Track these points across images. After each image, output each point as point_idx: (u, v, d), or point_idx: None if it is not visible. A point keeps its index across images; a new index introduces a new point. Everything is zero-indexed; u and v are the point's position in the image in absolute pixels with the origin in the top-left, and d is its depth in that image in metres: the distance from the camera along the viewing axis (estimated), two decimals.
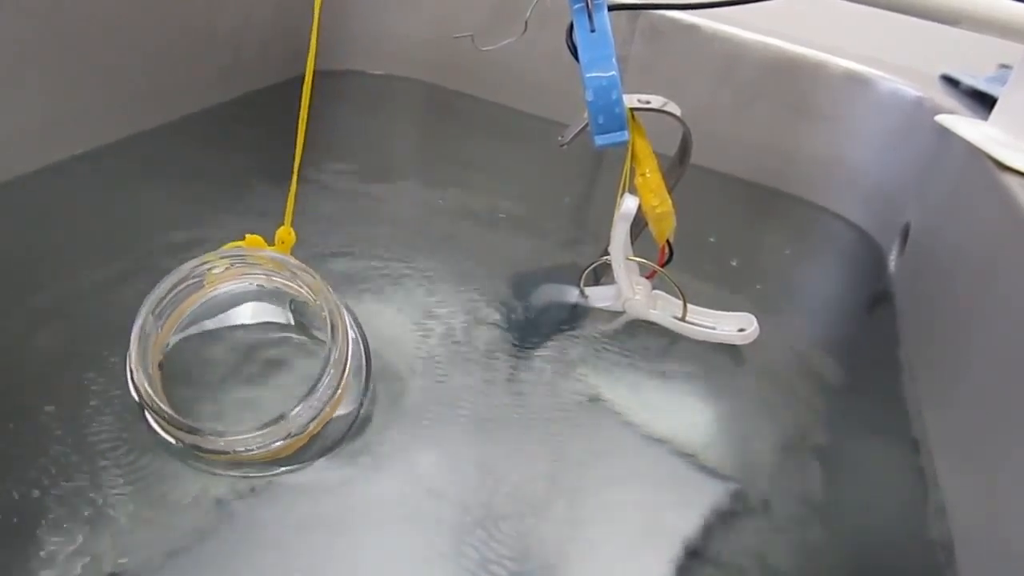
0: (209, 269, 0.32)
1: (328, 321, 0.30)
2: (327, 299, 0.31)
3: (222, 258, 0.32)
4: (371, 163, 0.60)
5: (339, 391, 0.30)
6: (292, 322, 0.35)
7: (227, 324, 0.34)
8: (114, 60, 0.50)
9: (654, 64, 0.69)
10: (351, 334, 0.32)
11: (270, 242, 0.34)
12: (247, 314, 0.35)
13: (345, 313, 0.32)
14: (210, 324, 0.33)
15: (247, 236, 0.34)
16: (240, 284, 0.34)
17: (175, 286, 0.31)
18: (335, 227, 0.48)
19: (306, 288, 0.32)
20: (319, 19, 0.31)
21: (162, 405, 0.28)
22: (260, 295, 0.34)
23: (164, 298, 0.31)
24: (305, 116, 0.32)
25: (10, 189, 0.44)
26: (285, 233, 0.35)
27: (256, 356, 0.34)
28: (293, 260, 0.33)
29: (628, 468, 0.34)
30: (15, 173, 0.44)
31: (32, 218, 0.42)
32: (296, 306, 0.35)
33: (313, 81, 0.32)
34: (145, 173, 0.50)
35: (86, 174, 0.47)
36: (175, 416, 0.28)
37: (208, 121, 0.59)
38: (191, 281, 0.32)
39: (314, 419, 0.29)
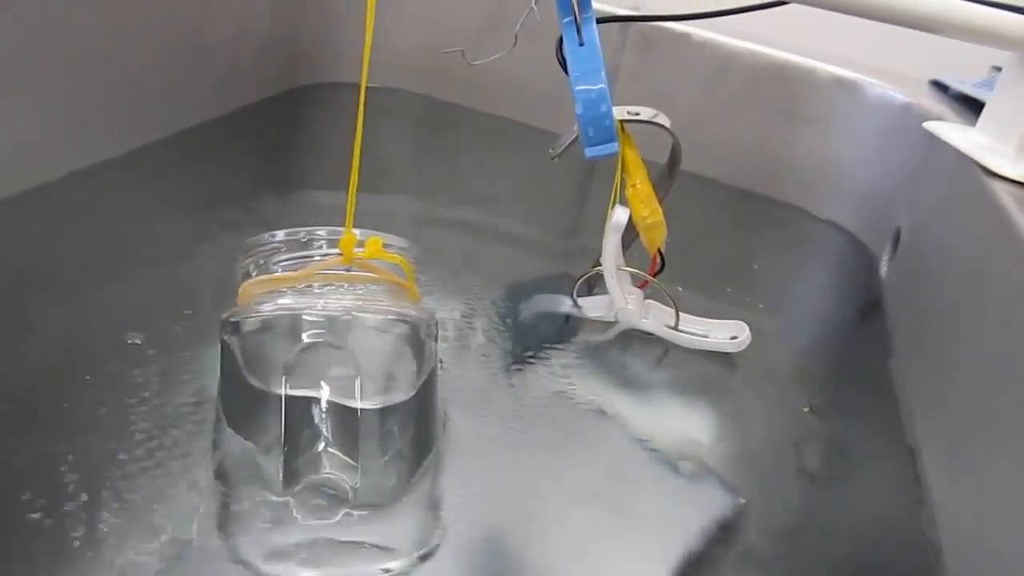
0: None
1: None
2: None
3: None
4: (363, 174, 0.60)
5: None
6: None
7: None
8: (109, 75, 0.50)
9: (645, 72, 0.69)
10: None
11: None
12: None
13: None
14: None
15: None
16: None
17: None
18: None
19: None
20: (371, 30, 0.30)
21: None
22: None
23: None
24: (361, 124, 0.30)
25: (5, 207, 0.44)
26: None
27: None
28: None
29: (621, 476, 0.35)
30: (9, 191, 0.44)
31: (28, 236, 0.42)
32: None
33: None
34: (142, 189, 0.50)
35: (82, 191, 0.48)
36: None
37: (204, 135, 0.59)
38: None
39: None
